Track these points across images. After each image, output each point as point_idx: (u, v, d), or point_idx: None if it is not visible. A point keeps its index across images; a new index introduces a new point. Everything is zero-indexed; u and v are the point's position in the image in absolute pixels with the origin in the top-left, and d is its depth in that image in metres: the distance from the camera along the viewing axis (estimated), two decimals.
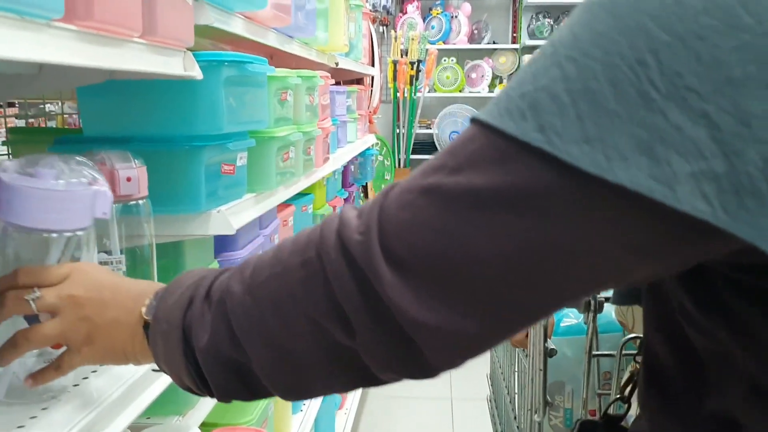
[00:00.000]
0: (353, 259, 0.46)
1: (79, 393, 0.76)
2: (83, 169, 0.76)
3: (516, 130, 0.41)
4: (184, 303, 0.57)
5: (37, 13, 0.59)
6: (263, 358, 0.52)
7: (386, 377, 0.50)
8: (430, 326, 0.44)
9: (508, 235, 0.42)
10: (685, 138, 0.38)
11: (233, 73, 1.04)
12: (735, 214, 0.37)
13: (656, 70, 0.38)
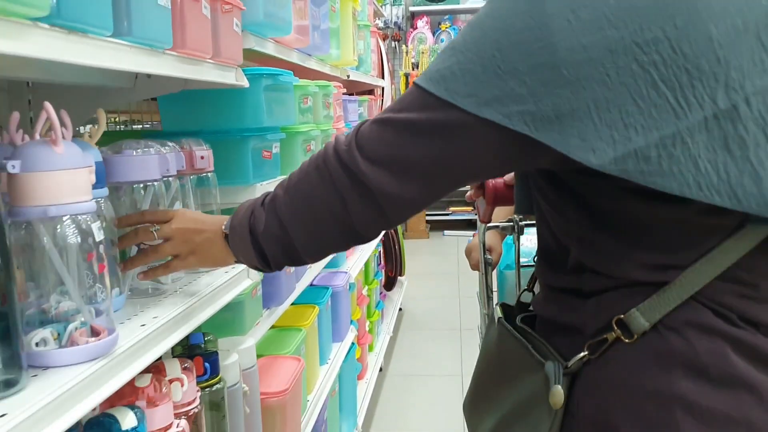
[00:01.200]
0: (342, 160, 0.81)
1: (175, 296, 1.14)
2: (151, 146, 1.13)
3: (435, 90, 0.75)
4: (248, 212, 0.92)
5: (158, 45, 0.98)
6: (299, 233, 0.87)
7: (366, 232, 0.85)
8: (390, 193, 0.79)
9: (428, 147, 0.77)
10: (515, 93, 0.71)
11: (270, 83, 1.43)
12: (542, 131, 0.71)
13: (500, 59, 0.72)
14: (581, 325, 0.81)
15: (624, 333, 0.76)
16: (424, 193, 0.81)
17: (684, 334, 0.74)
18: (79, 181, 0.82)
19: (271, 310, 1.71)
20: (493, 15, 0.74)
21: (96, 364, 0.82)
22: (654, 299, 0.75)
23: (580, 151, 0.69)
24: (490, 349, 0.97)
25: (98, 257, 0.85)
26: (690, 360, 0.74)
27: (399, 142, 0.78)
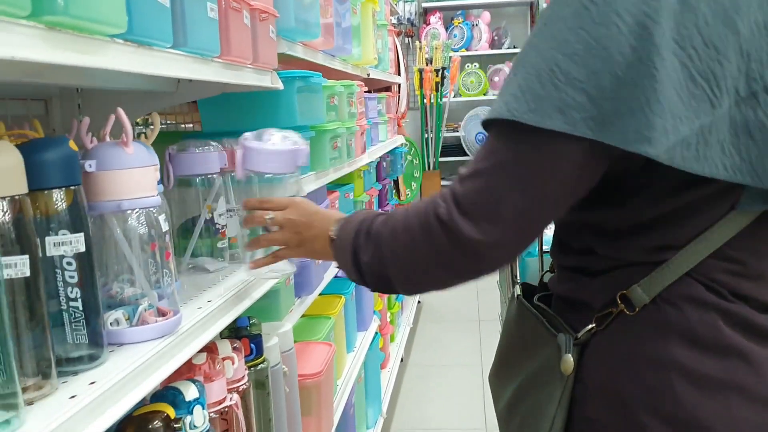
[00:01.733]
0: (444, 223, 0.82)
1: (224, 282, 1.24)
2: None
3: (500, 115, 0.78)
4: (353, 234, 0.95)
5: (208, 54, 1.08)
6: (400, 278, 0.90)
7: (465, 281, 0.88)
8: (493, 244, 0.82)
9: (516, 180, 0.79)
10: (576, 101, 0.75)
11: (302, 84, 1.53)
12: (605, 132, 0.74)
13: (558, 72, 0.75)
14: (590, 300, 0.90)
15: (627, 306, 0.85)
16: (527, 235, 0.84)
17: (679, 307, 0.83)
18: (148, 178, 0.92)
19: (302, 298, 1.81)
20: (545, 35, 0.78)
21: (164, 341, 0.92)
22: (653, 276, 0.83)
23: (639, 144, 0.74)
24: (510, 325, 1.05)
25: (163, 245, 0.95)
26: (684, 330, 0.83)
27: (492, 186, 0.81)
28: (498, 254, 0.84)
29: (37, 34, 0.67)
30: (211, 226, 1.31)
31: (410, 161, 4.63)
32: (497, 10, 7.28)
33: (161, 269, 0.96)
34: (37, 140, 0.81)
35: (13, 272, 0.72)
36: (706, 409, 0.82)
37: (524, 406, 0.98)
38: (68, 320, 0.82)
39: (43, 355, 0.76)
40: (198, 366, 1.08)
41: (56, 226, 0.80)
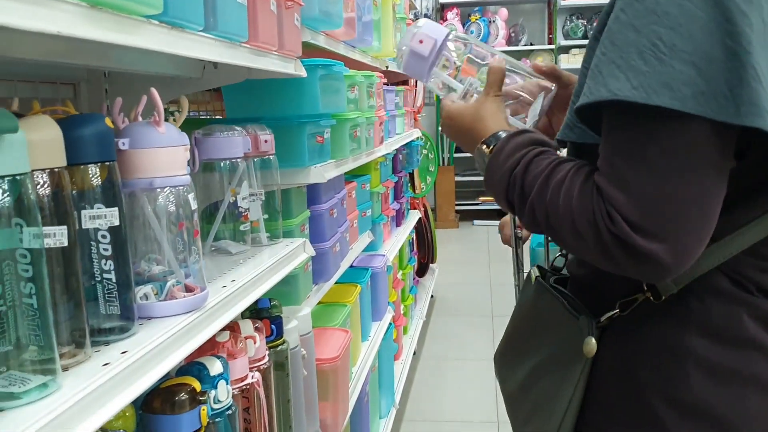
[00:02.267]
0: (620, 240, 0.75)
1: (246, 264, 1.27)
2: (235, 129, 1.27)
3: (600, 96, 0.74)
4: (504, 188, 0.88)
5: (237, 39, 1.11)
6: (550, 235, 0.84)
7: None
8: (673, 256, 0.74)
9: (660, 170, 0.73)
10: (684, 75, 0.70)
11: (324, 73, 1.55)
12: (716, 110, 0.69)
13: (662, 46, 0.71)
14: (614, 285, 0.90)
15: (653, 294, 0.86)
16: (703, 234, 0.77)
17: (703, 299, 0.84)
18: (178, 157, 0.94)
19: (319, 285, 1.83)
20: (639, 10, 0.74)
21: (192, 315, 0.95)
22: None
23: (756, 118, 0.70)
24: (525, 307, 1.07)
25: (191, 224, 0.97)
26: (706, 322, 0.84)
27: (642, 191, 0.75)
28: (686, 264, 0.76)
29: (79, 11, 0.70)
30: (234, 210, 1.34)
31: (425, 155, 4.64)
32: (514, 7, 7.28)
33: (189, 247, 0.98)
34: (75, 116, 0.83)
35: (52, 242, 0.75)
36: (720, 399, 0.83)
37: (539, 387, 0.99)
38: (102, 292, 0.85)
39: (78, 324, 0.79)
40: (221, 343, 1.11)
41: (92, 199, 0.83)
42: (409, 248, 3.80)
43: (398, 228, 3.42)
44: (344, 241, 2.08)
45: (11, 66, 1.16)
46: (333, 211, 1.93)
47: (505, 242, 1.93)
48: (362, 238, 2.42)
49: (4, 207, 0.67)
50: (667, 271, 0.76)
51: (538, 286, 1.01)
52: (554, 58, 7.04)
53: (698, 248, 0.76)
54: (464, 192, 7.22)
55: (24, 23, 0.61)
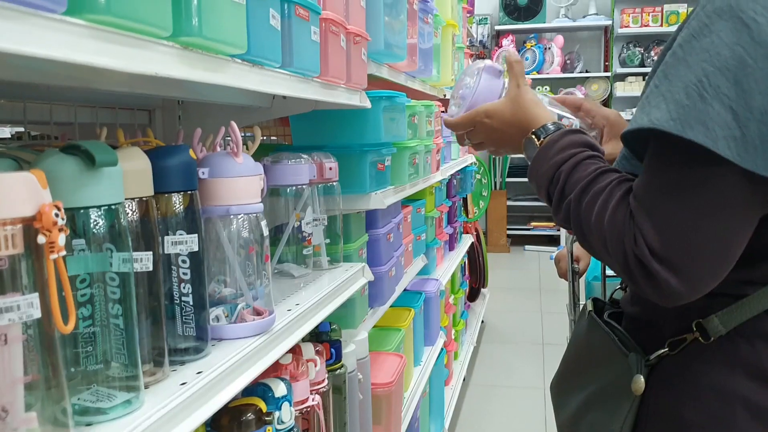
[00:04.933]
0: (641, 263, 0.78)
1: (308, 288, 1.31)
2: (302, 157, 1.32)
3: (642, 125, 0.76)
4: (548, 180, 0.91)
5: (309, 74, 1.16)
6: (577, 237, 0.88)
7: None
8: (688, 289, 0.77)
9: (685, 202, 0.75)
10: (720, 117, 0.72)
11: (388, 104, 1.60)
12: (744, 157, 0.71)
13: (707, 84, 0.73)
14: (663, 324, 0.92)
15: (702, 335, 0.86)
16: (718, 268, 0.79)
17: (752, 342, 0.84)
18: (254, 186, 0.99)
19: (374, 309, 1.86)
20: (695, 47, 0.75)
21: (260, 338, 0.99)
22: (733, 308, 0.85)
23: None
24: (579, 338, 1.08)
25: (262, 249, 1.02)
26: (754, 365, 0.84)
27: (674, 223, 0.77)
28: (696, 295, 0.79)
29: (174, 53, 0.75)
30: (298, 234, 1.38)
31: (479, 180, 4.65)
32: (571, 34, 7.25)
33: (258, 271, 1.03)
34: (162, 148, 0.89)
35: (139, 266, 0.80)
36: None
37: (588, 419, 1.00)
38: (179, 314, 0.90)
39: (158, 344, 0.84)
40: (284, 366, 1.15)
41: (174, 226, 0.88)
42: (461, 273, 3.80)
43: (451, 252, 3.43)
44: (399, 265, 2.11)
45: (94, 93, 1.24)
46: (390, 236, 1.96)
47: (561, 276, 1.93)
48: (416, 262, 2.45)
49: (98, 233, 0.72)
50: (679, 298, 0.79)
51: (591, 320, 1.02)
52: (610, 85, 6.98)
53: (711, 283, 0.78)
54: (516, 217, 7.19)
55: (125, 65, 0.66)
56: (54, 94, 1.19)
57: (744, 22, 0.73)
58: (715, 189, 0.76)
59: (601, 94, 6.99)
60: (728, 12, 0.74)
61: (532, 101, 1.03)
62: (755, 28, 0.73)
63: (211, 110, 1.55)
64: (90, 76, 0.89)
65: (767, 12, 0.73)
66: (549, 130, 0.97)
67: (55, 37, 0.56)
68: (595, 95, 6.99)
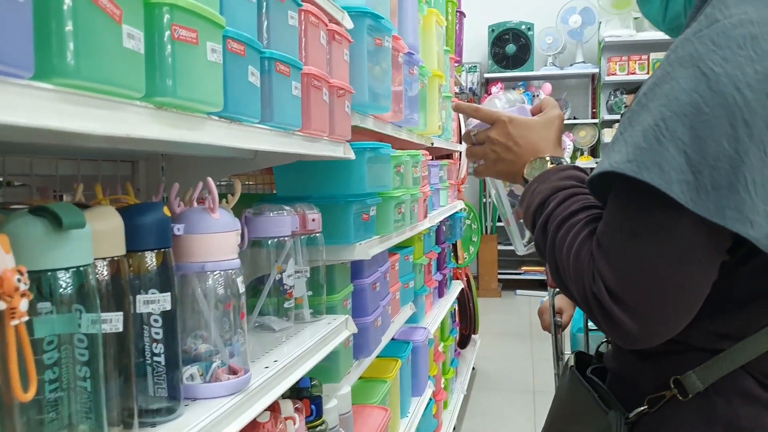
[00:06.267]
0: (599, 302, 0.79)
1: (288, 343, 1.29)
2: (282, 210, 1.32)
3: (602, 170, 0.78)
4: (537, 203, 0.93)
5: (290, 128, 1.16)
6: (548, 264, 0.90)
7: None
8: (644, 332, 0.78)
9: (644, 247, 0.76)
10: (675, 161, 0.72)
11: (372, 155, 1.60)
12: (697, 202, 0.71)
13: (664, 128, 0.73)
14: (642, 380, 0.91)
15: (680, 392, 0.85)
16: (680, 311, 0.79)
17: (730, 400, 0.83)
18: (230, 242, 0.98)
19: (360, 360, 1.84)
20: (656, 93, 0.77)
21: (236, 397, 0.97)
22: (710, 364, 0.84)
23: (737, 224, 0.72)
24: (562, 394, 1.06)
25: (238, 306, 1.01)
26: (730, 422, 0.83)
27: (630, 266, 0.78)
28: (652, 338, 0.80)
29: (147, 113, 0.75)
30: (279, 287, 1.37)
31: (468, 225, 4.65)
32: (559, 82, 7.37)
33: (234, 328, 1.01)
34: (136, 206, 0.88)
35: (109, 327, 0.78)
36: None
37: None
38: (151, 373, 0.88)
39: (128, 405, 0.82)
40: (262, 424, 1.12)
41: (147, 285, 0.87)
42: (451, 319, 3.77)
43: (440, 299, 3.41)
44: (386, 315, 2.09)
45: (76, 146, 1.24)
46: (376, 285, 1.95)
47: (544, 328, 1.92)
48: (404, 311, 2.43)
49: (66, 295, 0.71)
50: (635, 341, 0.80)
51: (572, 376, 1.01)
52: (597, 132, 7.05)
53: (667, 328, 0.79)
54: (507, 261, 7.17)
55: (96, 128, 0.66)
56: (36, 148, 1.18)
57: (702, 71, 0.74)
58: (670, 232, 0.76)
59: (589, 141, 7.07)
60: (689, 61, 0.76)
61: (557, 132, 1.07)
62: (713, 77, 0.74)
63: (195, 162, 1.55)
64: (67, 136, 0.89)
65: (725, 63, 0.74)
66: (560, 160, 1.01)
67: (22, 102, 0.56)
68: (582, 141, 7.07)
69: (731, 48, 0.74)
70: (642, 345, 0.81)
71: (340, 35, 1.38)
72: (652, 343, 0.81)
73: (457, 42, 3.91)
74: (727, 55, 0.74)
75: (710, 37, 0.76)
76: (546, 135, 1.06)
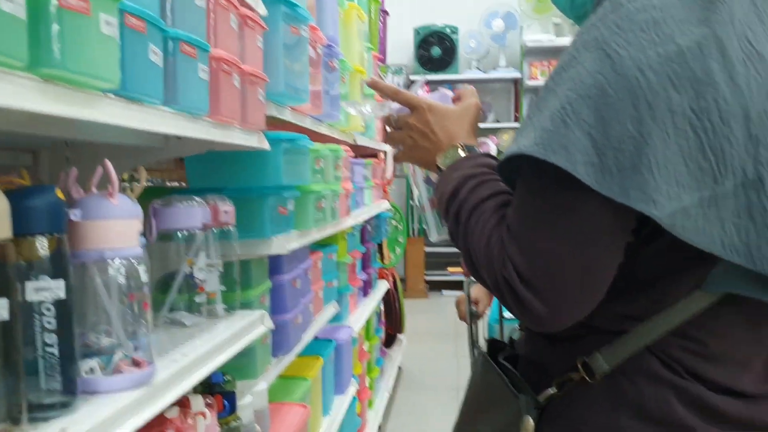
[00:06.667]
0: (510, 285, 0.80)
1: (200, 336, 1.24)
2: (193, 201, 1.28)
3: (511, 153, 0.80)
4: (450, 192, 0.93)
5: (197, 113, 1.12)
6: (461, 252, 0.90)
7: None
8: (553, 315, 0.80)
9: (565, 242, 0.77)
10: (581, 143, 0.73)
11: (288, 146, 1.57)
12: (602, 183, 0.73)
13: (570, 110, 0.74)
14: (552, 364, 0.91)
15: (587, 374, 0.86)
16: (582, 297, 0.81)
17: (634, 380, 0.84)
18: (131, 229, 0.94)
19: (279, 358, 1.80)
20: (562, 77, 0.78)
21: (138, 391, 0.92)
22: (615, 345, 0.85)
23: (641, 203, 0.73)
24: (475, 381, 1.06)
25: (142, 297, 0.96)
26: (636, 403, 0.84)
27: (539, 247, 0.79)
28: (562, 321, 0.82)
29: (33, 85, 0.70)
30: (191, 281, 1.32)
31: (395, 226, 4.67)
32: (482, 86, 7.49)
33: (138, 320, 0.97)
34: (26, 188, 0.83)
35: None
36: None
37: None
38: (43, 366, 0.83)
39: (16, 399, 0.76)
40: (170, 420, 1.08)
41: (37, 272, 0.81)
42: (376, 319, 3.77)
43: (365, 298, 3.40)
44: (308, 313, 2.06)
45: None
46: (296, 282, 1.92)
47: (461, 318, 1.94)
48: (327, 309, 2.40)
49: None
50: (545, 324, 0.81)
51: (485, 362, 1.01)
52: None
53: (576, 310, 0.81)
54: (434, 262, 7.24)
55: None
56: None
57: (607, 53, 0.76)
58: (577, 214, 0.77)
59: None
60: (594, 44, 0.77)
61: (473, 121, 1.07)
62: (617, 60, 0.75)
63: (101, 150, 1.48)
64: None
65: (629, 46, 0.75)
66: (474, 149, 1.01)
67: None
68: (506, 145, 7.18)
69: (634, 32, 0.76)
70: (552, 328, 0.82)
71: (253, 21, 1.34)
72: (561, 326, 0.82)
73: (380, 41, 3.91)
74: (630, 38, 0.76)
75: (614, 21, 0.77)
76: (461, 123, 1.06)
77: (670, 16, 0.77)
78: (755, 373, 0.88)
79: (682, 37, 0.75)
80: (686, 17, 0.77)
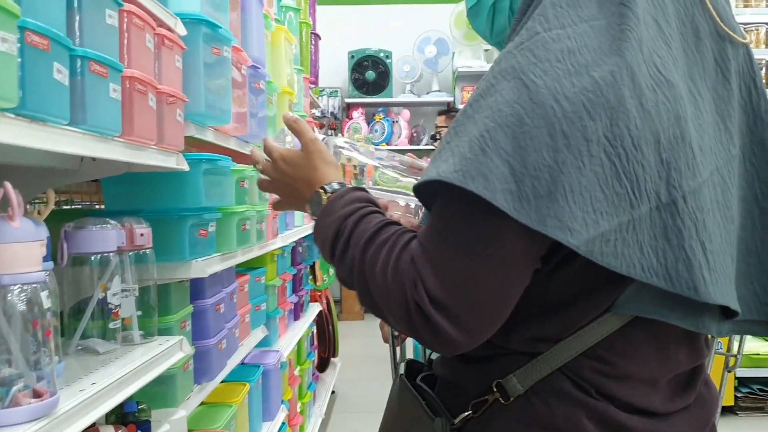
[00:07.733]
0: (420, 309, 0.79)
1: (113, 364, 1.20)
2: (107, 223, 1.24)
3: (430, 178, 0.78)
4: (332, 236, 0.90)
5: (108, 133, 1.09)
6: (359, 291, 0.88)
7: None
8: (466, 339, 0.79)
9: (465, 254, 0.77)
10: (499, 171, 0.74)
11: (209, 167, 1.55)
12: (519, 211, 0.73)
13: (488, 138, 0.75)
14: (468, 385, 0.92)
15: (502, 395, 0.87)
16: (494, 319, 0.81)
17: (546, 401, 0.86)
18: (32, 253, 0.90)
19: (202, 385, 1.76)
20: (481, 105, 0.79)
21: (38, 423, 0.88)
22: (528, 367, 0.86)
23: (558, 231, 0.74)
24: (392, 403, 1.05)
25: (45, 324, 0.92)
26: (549, 423, 0.85)
27: (453, 272, 0.79)
28: (470, 344, 0.81)
29: None
30: (104, 306, 1.28)
31: None
32: (416, 109, 7.60)
33: (41, 349, 0.92)
34: None
35: None
36: None
37: None
38: None
39: None
40: None
41: None
42: (308, 343, 3.72)
43: (296, 322, 3.35)
44: (233, 338, 2.02)
45: None
46: (219, 306, 1.88)
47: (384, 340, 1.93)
48: (255, 334, 2.36)
49: None
50: (456, 347, 0.80)
51: (401, 383, 1.01)
52: None
53: (486, 333, 0.81)
54: None
55: None
56: None
57: (524, 83, 0.77)
58: (494, 241, 0.78)
59: None
60: (511, 73, 0.78)
61: (322, 158, 1.05)
62: (534, 89, 0.76)
63: (11, 173, 1.42)
64: None
65: (545, 76, 0.77)
66: (334, 187, 0.99)
67: None
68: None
69: (550, 61, 0.77)
70: (460, 351, 0.82)
71: (171, 41, 1.32)
72: (468, 349, 0.82)
73: (312, 63, 3.92)
74: (546, 68, 0.77)
75: (531, 49, 0.79)
76: (310, 165, 1.05)
77: (584, 45, 0.79)
78: (663, 392, 0.90)
79: (596, 66, 0.77)
80: (599, 46, 0.79)
